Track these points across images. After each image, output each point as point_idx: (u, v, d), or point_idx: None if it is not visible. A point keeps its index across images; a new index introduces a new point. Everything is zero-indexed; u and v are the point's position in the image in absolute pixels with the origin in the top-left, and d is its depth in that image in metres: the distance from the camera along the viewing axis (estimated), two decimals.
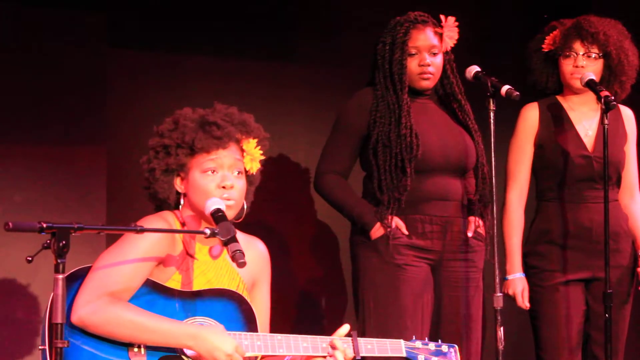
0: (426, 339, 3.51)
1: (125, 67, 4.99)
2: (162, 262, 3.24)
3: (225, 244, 3.12)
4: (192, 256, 3.30)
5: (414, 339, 3.45)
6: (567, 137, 4.45)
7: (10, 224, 2.79)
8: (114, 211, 4.77)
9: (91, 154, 4.79)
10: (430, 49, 4.25)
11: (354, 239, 4.31)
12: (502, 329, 4.04)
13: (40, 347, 3.07)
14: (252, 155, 3.38)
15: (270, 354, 3.23)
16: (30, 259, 2.83)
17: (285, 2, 5.38)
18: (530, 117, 4.51)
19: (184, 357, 3.17)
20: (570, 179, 4.41)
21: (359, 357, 3.31)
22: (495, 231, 4.12)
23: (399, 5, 4.45)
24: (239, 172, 3.33)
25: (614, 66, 4.40)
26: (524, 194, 4.52)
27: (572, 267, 4.39)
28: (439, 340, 3.51)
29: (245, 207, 3.38)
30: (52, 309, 2.95)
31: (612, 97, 4.21)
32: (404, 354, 3.41)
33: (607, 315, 4.18)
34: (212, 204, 3.23)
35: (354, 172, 4.35)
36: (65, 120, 4.75)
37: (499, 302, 4.06)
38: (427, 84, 4.27)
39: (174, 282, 3.24)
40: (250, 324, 3.25)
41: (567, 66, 4.44)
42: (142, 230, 3.05)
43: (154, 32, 5.03)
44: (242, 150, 3.37)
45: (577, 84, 4.41)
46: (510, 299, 4.36)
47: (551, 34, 4.51)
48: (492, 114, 4.11)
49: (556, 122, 4.48)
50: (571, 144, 4.43)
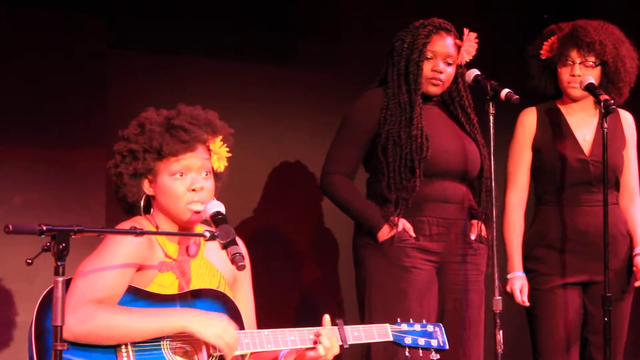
0: (411, 320, 3.51)
1: (125, 69, 4.99)
2: (142, 266, 3.23)
3: (225, 246, 3.12)
4: (169, 257, 3.29)
5: (399, 321, 3.47)
6: (565, 141, 4.45)
7: (10, 227, 2.78)
8: (113, 213, 4.75)
9: (91, 156, 4.79)
10: (446, 57, 4.25)
11: (358, 240, 4.30)
12: (501, 332, 4.04)
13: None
14: (219, 153, 3.38)
15: (258, 350, 3.23)
16: (30, 261, 2.83)
17: (285, 4, 5.38)
18: (528, 121, 4.52)
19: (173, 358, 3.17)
20: (567, 182, 4.42)
21: (347, 345, 3.32)
22: (495, 235, 4.12)
23: (398, 8, 4.46)
24: (207, 173, 3.32)
25: (611, 74, 4.41)
26: (524, 197, 4.52)
27: (569, 271, 4.39)
28: (424, 321, 3.52)
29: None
30: (42, 313, 2.99)
31: (612, 101, 4.22)
32: (391, 338, 3.43)
33: (606, 318, 4.18)
34: (211, 207, 3.23)
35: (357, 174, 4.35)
36: (65, 122, 4.75)
37: (498, 305, 4.06)
38: (435, 89, 4.27)
39: (155, 285, 3.23)
40: (236, 322, 3.24)
41: (564, 75, 4.45)
42: (142, 232, 3.04)
43: (154, 34, 5.03)
44: (209, 150, 3.36)
45: (575, 93, 4.42)
46: (509, 302, 4.36)
47: (549, 40, 4.51)
48: (491, 118, 4.11)
49: (554, 127, 4.49)
50: (568, 148, 4.44)
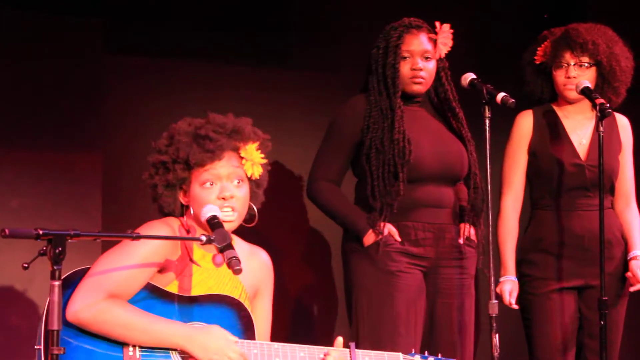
0: (426, 352, 3.47)
1: (121, 73, 4.99)
2: (163, 267, 3.24)
3: (221, 250, 3.12)
4: (194, 262, 3.30)
5: (413, 352, 3.43)
6: (561, 145, 4.45)
7: (6, 231, 2.78)
8: (110, 218, 4.77)
9: (87, 160, 4.79)
10: (423, 53, 4.26)
11: (346, 246, 4.30)
12: (497, 336, 4.04)
13: (36, 347, 3.07)
14: (253, 160, 3.37)
15: None
16: (26, 265, 2.83)
17: (280, 8, 5.38)
18: (524, 124, 4.52)
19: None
20: (562, 187, 4.42)
21: None
22: (490, 239, 4.12)
23: (394, 12, 4.46)
24: (239, 181, 3.33)
25: (606, 74, 4.41)
26: (519, 201, 4.52)
27: (564, 275, 4.39)
28: (438, 354, 3.49)
29: (255, 211, 3.40)
30: (48, 315, 2.96)
31: (608, 105, 4.22)
32: None
33: (602, 322, 4.18)
34: (207, 211, 3.24)
35: (346, 178, 4.35)
36: (61, 126, 4.74)
37: (494, 309, 4.06)
38: (419, 88, 4.27)
39: (174, 287, 3.25)
40: (247, 332, 3.25)
41: (559, 77, 4.45)
42: (138, 237, 3.04)
43: (150, 38, 5.03)
44: (241, 157, 3.36)
45: (571, 95, 4.43)
46: (505, 306, 4.35)
47: (542, 45, 4.52)
48: (487, 121, 4.11)
49: (550, 130, 4.49)
50: (564, 152, 4.44)
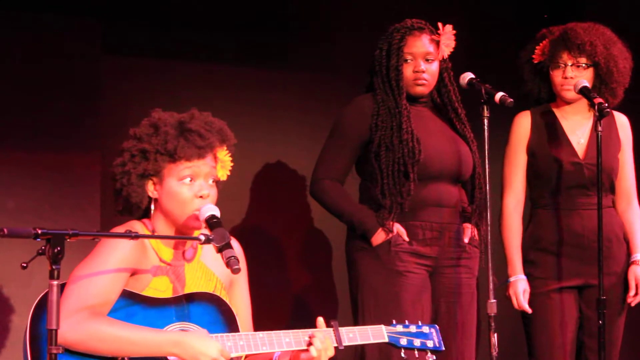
0: (406, 321, 3.50)
1: (119, 73, 4.99)
2: (136, 271, 3.22)
3: (220, 250, 3.12)
4: (164, 261, 3.28)
5: (394, 322, 3.46)
6: (559, 144, 4.46)
7: (5, 230, 2.78)
8: (108, 217, 4.76)
9: (85, 160, 4.79)
10: (425, 55, 4.26)
11: (351, 244, 4.29)
12: (495, 335, 4.04)
13: None
14: (224, 163, 3.38)
15: (253, 352, 3.24)
16: (25, 265, 2.83)
17: (277, 8, 5.38)
18: (522, 125, 4.52)
19: None
20: (562, 186, 4.42)
21: (342, 347, 3.33)
22: (489, 238, 4.12)
23: (393, 12, 4.46)
24: (213, 181, 3.33)
25: (604, 75, 4.41)
26: (521, 200, 4.52)
27: (564, 274, 4.40)
28: (419, 322, 3.52)
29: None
30: (37, 317, 2.99)
31: (606, 104, 4.22)
32: (386, 339, 3.43)
33: (600, 321, 4.18)
34: (206, 211, 3.23)
35: (347, 178, 4.35)
36: (60, 126, 4.74)
37: (492, 308, 4.06)
38: (422, 90, 4.28)
39: (151, 290, 3.23)
40: (231, 325, 3.25)
41: (556, 77, 4.45)
42: (137, 236, 3.04)
43: (148, 38, 5.03)
44: (216, 158, 3.36)
45: (568, 95, 4.43)
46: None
47: (540, 45, 4.52)
48: (486, 121, 4.11)
49: (548, 130, 4.49)
50: (562, 151, 4.44)
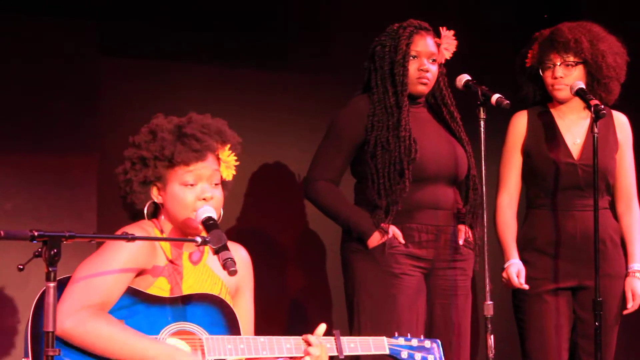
0: (408, 334, 3.51)
1: (116, 74, 4.99)
2: (143, 271, 3.24)
3: (216, 252, 3.12)
4: (173, 263, 3.30)
5: (397, 335, 3.46)
6: (554, 145, 4.46)
7: (1, 232, 2.78)
8: (105, 220, 4.77)
9: (82, 162, 4.79)
10: (430, 55, 4.27)
11: (347, 246, 4.28)
12: (492, 336, 4.04)
13: (23, 359, 3.06)
14: (228, 162, 3.38)
15: (253, 356, 3.23)
16: (21, 267, 2.82)
17: (275, 9, 5.38)
18: (518, 125, 4.53)
19: None
20: (556, 186, 4.42)
21: (342, 357, 3.32)
22: (485, 240, 4.12)
23: (391, 13, 4.47)
24: (217, 182, 3.33)
25: (594, 70, 4.41)
26: (515, 199, 4.53)
27: (559, 276, 4.39)
28: (422, 336, 3.53)
29: (221, 214, 3.38)
30: (37, 319, 2.98)
31: (602, 107, 4.22)
32: (387, 351, 3.43)
33: (597, 323, 4.19)
34: (203, 212, 3.23)
35: (342, 179, 4.35)
36: (56, 128, 4.74)
37: (489, 310, 4.06)
38: (424, 88, 4.29)
39: (157, 289, 3.24)
40: (232, 328, 3.25)
41: (547, 78, 4.46)
42: (134, 238, 3.04)
43: (145, 39, 5.03)
44: (219, 159, 3.36)
45: (560, 95, 4.43)
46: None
47: (532, 48, 4.53)
48: (482, 123, 4.12)
49: (544, 130, 4.49)
50: (557, 151, 4.44)
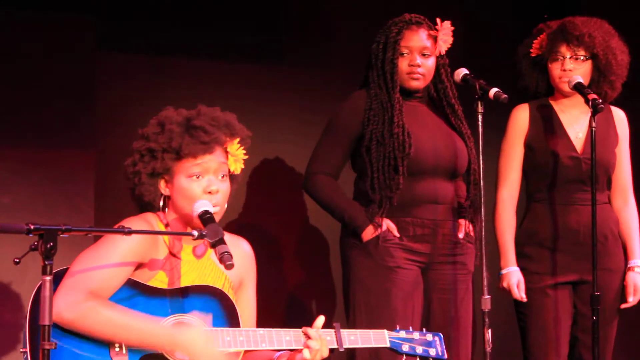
0: (410, 328, 3.51)
1: (114, 71, 4.99)
2: (144, 263, 3.24)
3: (213, 245, 3.11)
4: (176, 256, 3.30)
5: (398, 328, 3.46)
6: (557, 138, 4.45)
7: None
8: (102, 214, 4.77)
9: (79, 157, 4.79)
10: (421, 50, 4.27)
11: (344, 241, 4.30)
12: (489, 331, 4.04)
13: (21, 350, 3.06)
14: (236, 156, 3.38)
15: (252, 348, 3.24)
16: (17, 260, 2.82)
17: (274, 5, 5.38)
18: (520, 118, 4.52)
19: (166, 355, 3.17)
20: (559, 180, 4.41)
21: (342, 349, 3.32)
22: (484, 234, 4.12)
23: (388, 8, 4.47)
24: (224, 175, 3.32)
25: (602, 66, 4.41)
26: (515, 194, 4.52)
27: (560, 270, 4.39)
28: (424, 329, 3.53)
29: (226, 207, 3.37)
30: (35, 311, 2.96)
31: (600, 100, 4.22)
32: (388, 344, 3.42)
33: (594, 317, 4.19)
34: (199, 206, 3.23)
35: (344, 173, 4.36)
36: (53, 123, 4.75)
37: (486, 304, 4.06)
38: (417, 84, 4.28)
39: (157, 281, 3.24)
40: (232, 320, 3.25)
41: (555, 70, 4.45)
42: (130, 232, 3.03)
43: (142, 36, 5.03)
44: (227, 152, 3.36)
45: (567, 88, 4.41)
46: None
47: (538, 38, 4.52)
48: (480, 117, 4.12)
49: (546, 124, 4.49)
50: (560, 145, 4.44)
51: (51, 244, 2.81)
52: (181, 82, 5.07)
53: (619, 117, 4.55)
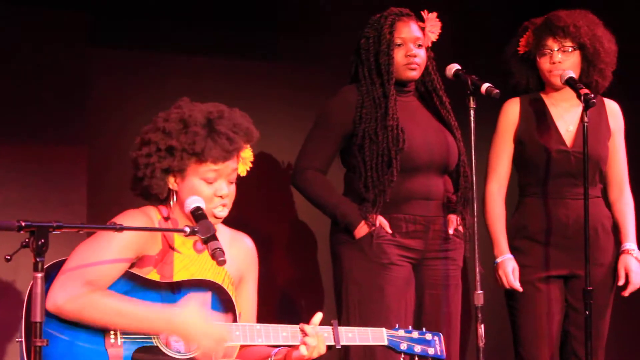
0: (409, 327, 3.51)
1: (106, 67, 4.98)
2: (142, 255, 3.25)
3: (205, 242, 3.12)
4: (174, 249, 3.30)
5: (397, 327, 3.46)
6: (547, 132, 4.45)
7: None
8: (95, 211, 4.76)
9: (72, 154, 4.78)
10: (415, 40, 4.27)
11: (335, 237, 4.29)
12: (482, 326, 4.05)
13: (17, 340, 3.08)
14: (245, 160, 3.40)
15: (249, 343, 3.24)
16: (9, 257, 2.83)
17: (266, 1, 5.37)
18: (511, 112, 4.52)
19: (161, 347, 3.17)
20: (549, 174, 4.41)
21: (339, 346, 3.32)
22: (476, 229, 4.13)
23: (380, 4, 4.46)
24: (231, 181, 3.34)
25: (590, 56, 4.41)
26: (504, 187, 4.52)
27: (551, 264, 4.39)
28: (423, 329, 3.53)
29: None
30: (30, 307, 2.96)
31: (592, 95, 4.22)
32: (386, 343, 3.43)
33: (587, 312, 4.19)
34: (192, 202, 3.24)
35: (332, 168, 4.35)
36: (46, 119, 4.74)
37: (479, 299, 4.06)
38: (414, 74, 4.28)
39: (155, 275, 3.25)
40: (228, 314, 3.25)
41: (544, 64, 4.45)
42: (122, 228, 3.04)
43: (135, 31, 5.02)
44: (239, 157, 3.37)
45: (558, 81, 4.41)
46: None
47: (524, 36, 4.53)
48: (472, 112, 4.12)
49: (537, 118, 4.49)
50: (550, 139, 4.44)
51: (42, 241, 2.82)
52: (173, 78, 5.05)
53: (612, 109, 4.54)
